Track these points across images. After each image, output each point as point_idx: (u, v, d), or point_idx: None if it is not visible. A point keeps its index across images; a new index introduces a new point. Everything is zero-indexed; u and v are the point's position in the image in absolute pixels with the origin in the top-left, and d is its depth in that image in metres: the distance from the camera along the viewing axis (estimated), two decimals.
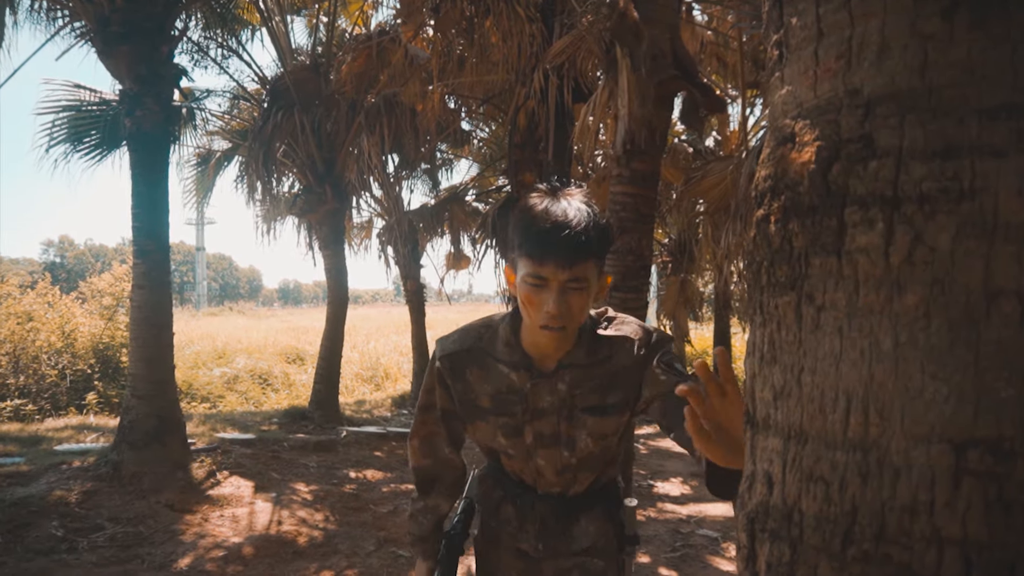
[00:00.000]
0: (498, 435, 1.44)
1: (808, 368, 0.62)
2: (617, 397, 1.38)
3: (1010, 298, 0.53)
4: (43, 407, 8.60)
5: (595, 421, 1.38)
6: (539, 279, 1.26)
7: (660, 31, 4.05)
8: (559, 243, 1.24)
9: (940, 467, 0.54)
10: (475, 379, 1.44)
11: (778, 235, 0.65)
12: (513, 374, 1.41)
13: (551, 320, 1.27)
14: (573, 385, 1.38)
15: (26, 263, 52.12)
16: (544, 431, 1.41)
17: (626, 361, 1.38)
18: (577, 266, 1.25)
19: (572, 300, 1.27)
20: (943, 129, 0.56)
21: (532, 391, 1.39)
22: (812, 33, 0.64)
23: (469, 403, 1.47)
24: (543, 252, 1.25)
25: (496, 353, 1.43)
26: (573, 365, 1.38)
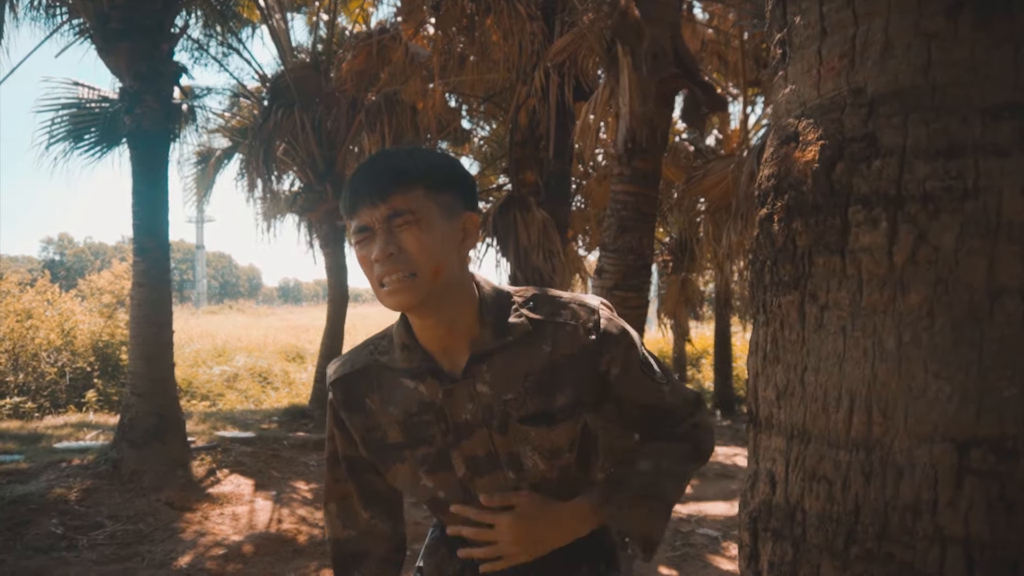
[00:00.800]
0: (420, 476, 1.13)
1: (811, 367, 0.62)
2: (566, 397, 1.08)
3: (1013, 297, 0.53)
4: (43, 405, 8.60)
5: (540, 433, 1.08)
6: (362, 231, 1.03)
7: (661, 29, 4.04)
8: (366, 180, 1.03)
9: (943, 466, 0.54)
10: (377, 407, 1.13)
11: (781, 234, 0.65)
12: (420, 386, 1.10)
13: (383, 269, 1.01)
14: (498, 386, 1.08)
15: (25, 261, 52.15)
16: (476, 452, 1.10)
17: (568, 349, 1.08)
18: (395, 196, 1.01)
19: (404, 239, 1.01)
20: (947, 128, 0.56)
21: (447, 401, 1.08)
22: (816, 32, 0.64)
23: (376, 442, 1.15)
24: (353, 196, 1.04)
25: (395, 364, 1.12)
26: (486, 355, 1.07)
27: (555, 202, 6.39)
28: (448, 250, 1.04)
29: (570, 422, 1.09)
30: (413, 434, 1.11)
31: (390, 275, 1.00)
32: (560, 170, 6.43)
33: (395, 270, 1.00)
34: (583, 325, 1.09)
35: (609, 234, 4.37)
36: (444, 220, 1.04)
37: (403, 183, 1.02)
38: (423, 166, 1.05)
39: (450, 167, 1.09)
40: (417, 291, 1.01)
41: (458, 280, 1.07)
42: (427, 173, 1.04)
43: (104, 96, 6.35)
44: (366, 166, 1.06)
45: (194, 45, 7.70)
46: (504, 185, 10.18)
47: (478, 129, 10.65)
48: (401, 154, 1.07)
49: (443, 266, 1.03)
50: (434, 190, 1.04)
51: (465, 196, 1.08)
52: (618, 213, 4.28)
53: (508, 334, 1.08)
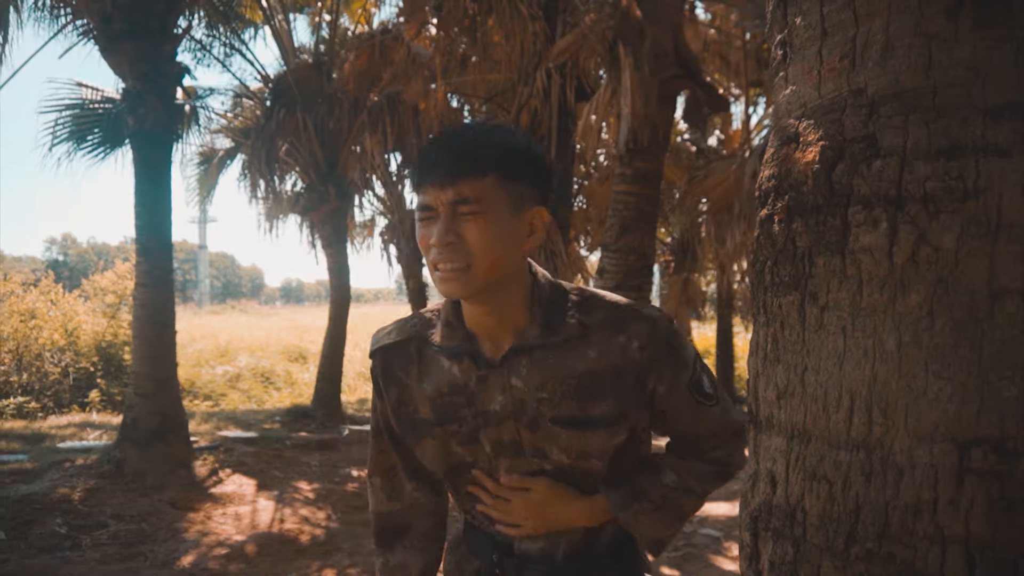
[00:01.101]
0: (452, 444, 1.10)
1: (811, 367, 0.62)
2: (606, 407, 1.03)
3: (1014, 297, 0.53)
4: (46, 405, 8.62)
5: (571, 435, 1.04)
6: (425, 210, 0.99)
7: (663, 30, 4.04)
8: (437, 158, 0.98)
9: (943, 466, 0.54)
10: (412, 381, 1.11)
11: (782, 235, 0.65)
12: (455, 366, 1.07)
13: (440, 256, 0.98)
14: (533, 383, 1.03)
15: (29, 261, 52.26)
16: (502, 437, 1.07)
17: (618, 360, 1.02)
18: (464, 182, 0.96)
19: (466, 229, 0.97)
20: (947, 128, 0.56)
21: (479, 387, 1.05)
22: (816, 33, 0.64)
23: (407, 416, 1.13)
24: (422, 175, 0.99)
25: (436, 340, 1.10)
26: (529, 349, 1.04)
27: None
28: (509, 245, 1.00)
29: (605, 433, 1.04)
30: (442, 414, 1.09)
31: (445, 263, 0.98)
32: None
33: (451, 259, 0.97)
34: (636, 338, 1.03)
35: (611, 234, 4.37)
36: (511, 213, 0.99)
37: (476, 169, 0.97)
38: (500, 151, 0.99)
39: (528, 155, 1.03)
40: (469, 284, 0.98)
41: (515, 274, 1.03)
42: (503, 160, 0.99)
43: (107, 97, 6.37)
44: (441, 142, 1.01)
45: (197, 46, 7.71)
46: None
47: None
48: (480, 134, 1.01)
49: (500, 262, 0.99)
50: (507, 179, 0.99)
51: (539, 188, 1.04)
52: (619, 213, 4.28)
53: (556, 334, 1.04)
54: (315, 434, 7.02)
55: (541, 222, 1.03)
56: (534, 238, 1.03)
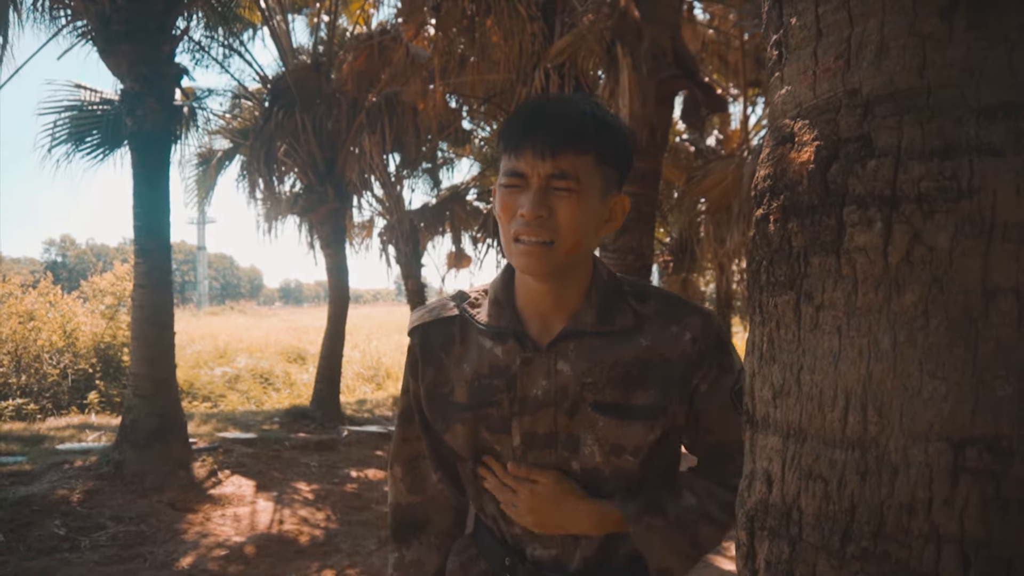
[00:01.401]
0: (481, 430, 1.05)
1: (807, 367, 0.62)
2: (649, 398, 0.99)
3: (1008, 296, 0.53)
4: (45, 406, 8.61)
5: (609, 424, 0.99)
6: (516, 176, 0.95)
7: (661, 30, 4.05)
8: (540, 125, 0.94)
9: (938, 465, 0.54)
10: (452, 361, 1.06)
11: (777, 234, 0.65)
12: (498, 347, 1.03)
13: (526, 228, 0.94)
14: (580, 368, 0.99)
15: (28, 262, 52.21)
16: (536, 428, 1.02)
17: (668, 351, 0.99)
18: (564, 155, 0.93)
19: (559, 205, 0.94)
20: (941, 128, 0.56)
21: (523, 370, 1.00)
22: (811, 33, 0.65)
23: (441, 399, 1.08)
24: (519, 138, 0.95)
25: (480, 318, 1.05)
26: (580, 334, 1.00)
27: None
28: (592, 229, 0.98)
29: (643, 425, 0.99)
30: (479, 397, 1.04)
31: (530, 236, 0.94)
32: None
33: (537, 232, 0.94)
34: (690, 330, 1.01)
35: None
36: (600, 196, 0.97)
37: (580, 145, 0.94)
38: (604, 130, 0.96)
39: (625, 140, 1.00)
40: (549, 262, 0.95)
41: (585, 258, 1.02)
42: (604, 140, 0.96)
43: (106, 98, 6.37)
44: (546, 108, 0.97)
45: (195, 47, 7.72)
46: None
47: (479, 130, 10.65)
48: (585, 109, 0.97)
49: (581, 243, 0.97)
50: (604, 162, 0.96)
51: (624, 174, 1.02)
52: None
53: (610, 323, 1.01)
54: (314, 435, 7.02)
55: (621, 210, 1.01)
56: (611, 224, 1.01)
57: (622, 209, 1.02)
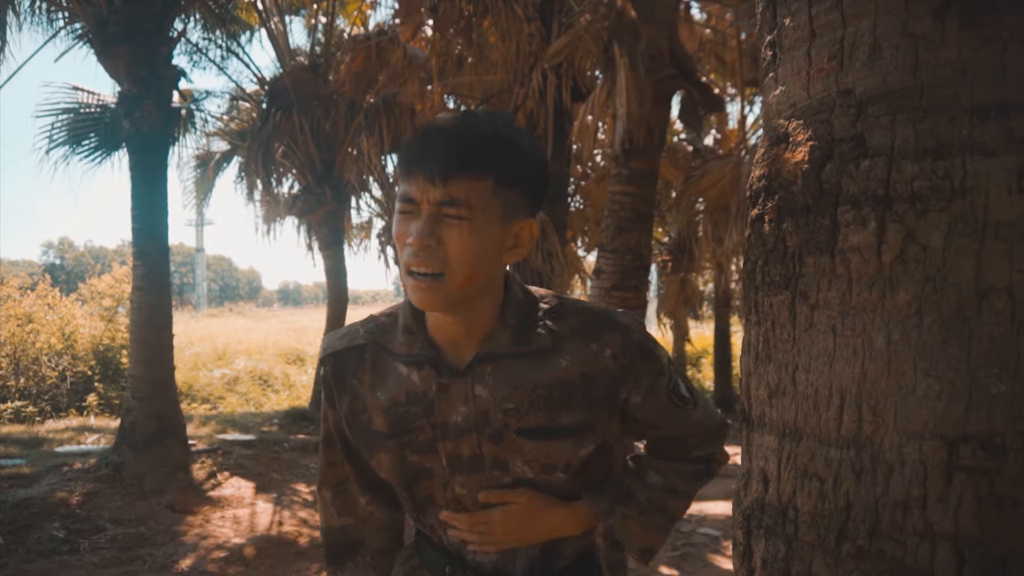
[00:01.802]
0: (407, 455, 1.03)
1: (802, 366, 0.62)
2: (575, 417, 0.97)
3: (1001, 295, 0.53)
4: (44, 409, 8.60)
5: (538, 447, 0.98)
6: (407, 202, 0.90)
7: (658, 30, 4.05)
8: (433, 148, 0.89)
9: (932, 463, 0.55)
10: (366, 389, 1.03)
11: (772, 234, 0.65)
12: (414, 374, 0.99)
13: (415, 259, 0.89)
14: (500, 393, 0.97)
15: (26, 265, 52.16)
16: (461, 452, 1.00)
17: (589, 369, 0.97)
18: (457, 181, 0.87)
19: (448, 234, 0.88)
20: (934, 128, 0.56)
21: (439, 396, 0.97)
22: (805, 34, 0.65)
23: (361, 427, 1.04)
24: (411, 161, 0.90)
25: (393, 346, 1.01)
26: (496, 357, 0.97)
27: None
28: (490, 258, 0.92)
29: (572, 442, 0.97)
30: (398, 425, 1.01)
31: (419, 266, 0.89)
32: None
33: (425, 264, 0.89)
34: (609, 346, 0.97)
35: (607, 235, 4.37)
36: (500, 223, 0.91)
37: (476, 169, 0.88)
38: (504, 152, 0.90)
39: (531, 160, 0.94)
40: (440, 296, 0.91)
41: (489, 286, 0.96)
42: (504, 162, 0.90)
43: (103, 100, 6.36)
44: (443, 129, 0.91)
45: (193, 49, 7.72)
46: None
47: None
48: (484, 128, 0.91)
49: (476, 275, 0.91)
50: (504, 185, 0.90)
51: (533, 198, 0.96)
52: (616, 214, 4.29)
53: (526, 343, 0.97)
54: (313, 436, 7.01)
55: (528, 236, 0.96)
56: (516, 252, 0.96)
57: (529, 235, 0.95)
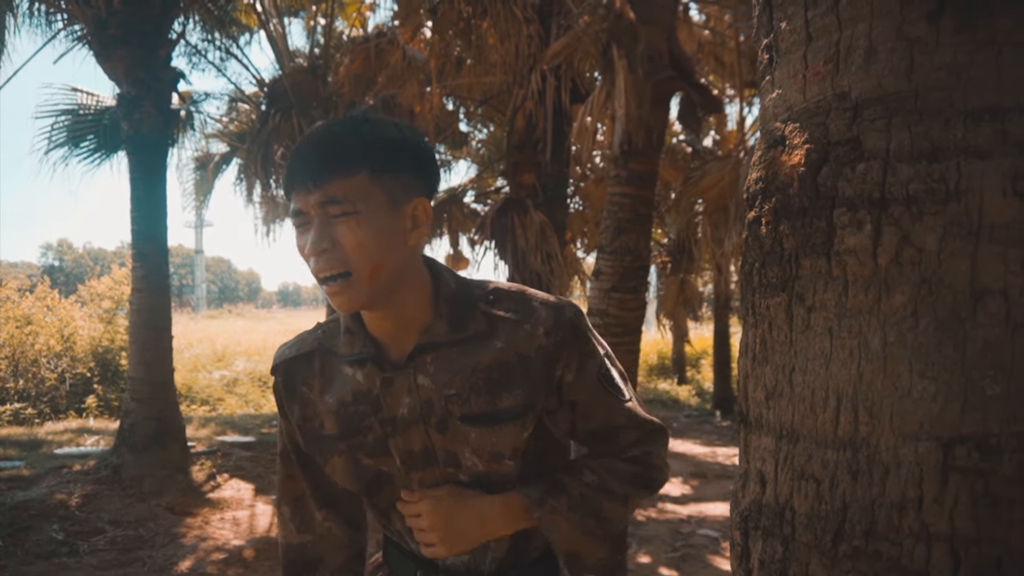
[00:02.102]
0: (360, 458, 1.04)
1: (799, 368, 0.63)
2: (515, 399, 0.98)
3: (996, 297, 0.54)
4: (43, 411, 8.60)
5: (482, 434, 0.99)
6: (297, 216, 0.93)
7: (657, 31, 4.06)
8: (303, 160, 0.92)
9: (928, 464, 0.55)
10: (315, 395, 1.05)
11: (769, 237, 0.66)
12: (359, 373, 1.01)
13: (317, 265, 0.92)
14: (441, 380, 0.98)
15: (25, 266, 52.10)
16: (412, 447, 1.01)
17: (524, 348, 0.99)
18: (332, 182, 0.90)
19: (339, 232, 0.90)
20: (929, 131, 0.57)
21: (384, 390, 0.99)
22: (801, 37, 0.65)
23: (313, 432, 1.05)
24: (289, 179, 0.93)
25: (338, 348, 1.03)
26: (435, 346, 0.99)
27: (553, 204, 6.41)
28: (390, 245, 0.93)
29: (515, 426, 0.99)
30: (347, 425, 1.02)
31: (324, 272, 0.91)
32: (557, 172, 6.45)
33: (328, 268, 0.91)
34: (542, 324, 0.99)
35: (606, 236, 4.38)
36: (389, 209, 0.93)
37: (343, 167, 0.90)
38: (370, 144, 0.92)
39: (402, 144, 0.95)
40: (354, 294, 0.92)
41: (404, 274, 0.96)
42: (374, 153, 0.92)
43: (102, 102, 6.37)
44: (305, 143, 0.94)
45: (192, 51, 7.72)
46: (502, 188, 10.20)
47: (476, 132, 10.67)
48: (346, 129, 0.94)
49: (382, 265, 0.92)
50: (381, 173, 0.92)
51: (419, 176, 0.97)
52: (615, 215, 4.29)
53: (463, 329, 0.99)
54: None
55: (424, 213, 0.96)
56: (419, 232, 0.96)
57: (424, 212, 0.96)
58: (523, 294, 1.03)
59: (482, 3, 5.70)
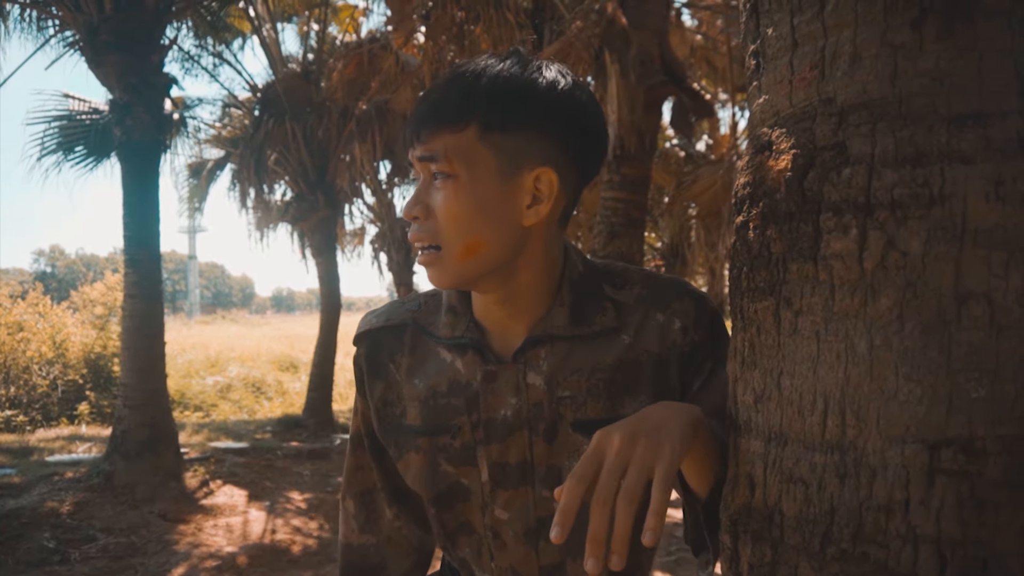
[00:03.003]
0: (440, 463, 0.86)
1: (787, 371, 0.63)
2: (639, 406, 0.81)
3: (980, 301, 0.54)
4: (34, 418, 8.55)
5: None
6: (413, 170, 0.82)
7: (649, 36, 4.08)
8: (422, 102, 0.79)
9: (914, 467, 0.55)
10: (402, 375, 0.88)
11: (756, 241, 0.66)
12: (458, 360, 0.85)
13: (411, 234, 0.79)
14: (555, 380, 0.82)
15: (16, 273, 51.84)
16: (507, 459, 0.83)
17: (655, 345, 0.82)
18: (432, 136, 0.76)
19: (436, 200, 0.76)
20: (913, 136, 0.57)
21: (485, 387, 0.83)
22: (787, 43, 0.66)
23: (393, 420, 0.90)
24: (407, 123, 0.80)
25: (436, 328, 0.87)
26: (550, 339, 0.82)
27: None
28: (496, 220, 0.76)
29: None
30: (434, 419, 0.86)
31: (415, 240, 0.78)
32: None
33: (418, 236, 0.78)
34: (679, 317, 0.83)
35: (599, 240, 4.39)
36: (499, 177, 0.76)
37: (448, 119, 0.75)
38: (489, 94, 0.75)
39: (540, 94, 0.76)
40: (444, 271, 0.78)
41: (520, 255, 0.80)
42: (490, 105, 0.75)
43: (95, 108, 6.35)
44: (436, 84, 0.80)
45: (185, 56, 7.71)
46: None
47: None
48: (470, 71, 0.77)
49: (480, 243, 0.76)
50: (494, 131, 0.75)
51: (553, 141, 0.77)
52: (608, 219, 4.30)
53: (588, 324, 0.82)
54: (307, 443, 6.99)
55: (549, 188, 0.77)
56: (539, 209, 0.78)
57: (550, 186, 0.77)
58: (661, 278, 0.87)
59: (475, 8, 5.71)
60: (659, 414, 0.67)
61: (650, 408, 0.69)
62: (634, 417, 0.66)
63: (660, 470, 0.61)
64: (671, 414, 0.67)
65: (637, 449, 0.62)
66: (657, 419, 0.66)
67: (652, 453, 0.62)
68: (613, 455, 0.61)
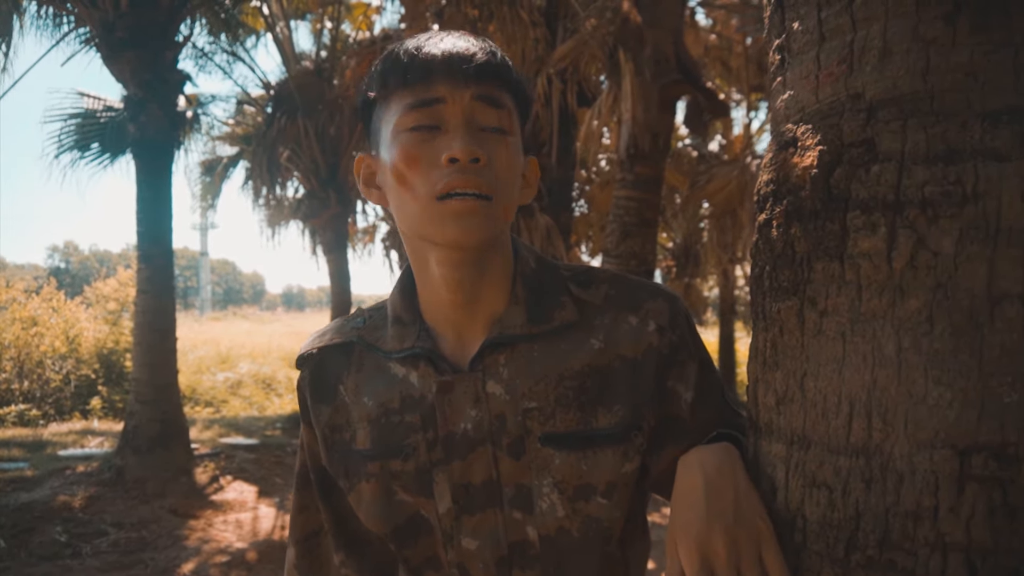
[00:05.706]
0: (395, 491, 0.78)
1: (811, 373, 0.61)
2: (615, 416, 0.74)
3: (1014, 302, 0.52)
4: (47, 412, 8.62)
5: (568, 459, 0.74)
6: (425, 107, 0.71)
7: (663, 35, 4.06)
8: (452, 45, 0.72)
9: (944, 472, 0.54)
10: (350, 395, 0.81)
11: (780, 240, 0.64)
12: (411, 374, 0.78)
13: (462, 178, 0.69)
14: (519, 389, 0.75)
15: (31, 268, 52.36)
16: (471, 479, 0.75)
17: (630, 349, 0.76)
18: (490, 81, 0.72)
19: (495, 148, 0.72)
20: (945, 133, 0.55)
21: (441, 399, 0.75)
22: (814, 37, 0.64)
23: (342, 446, 0.81)
24: (423, 61, 0.72)
25: (384, 343, 0.79)
26: (510, 342, 0.76)
27: (558, 207, 6.40)
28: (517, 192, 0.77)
29: (613, 453, 0.74)
30: (386, 440, 0.77)
31: (466, 187, 0.69)
32: (563, 176, 6.44)
33: (475, 183, 0.69)
34: (654, 318, 0.77)
35: (612, 240, 4.37)
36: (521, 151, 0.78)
37: (504, 75, 0.74)
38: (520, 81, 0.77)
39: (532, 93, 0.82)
40: (490, 223, 0.71)
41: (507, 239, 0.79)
42: (520, 87, 0.76)
43: (109, 105, 6.39)
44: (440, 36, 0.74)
45: (199, 53, 7.74)
46: None
47: None
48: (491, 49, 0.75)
49: (512, 210, 0.75)
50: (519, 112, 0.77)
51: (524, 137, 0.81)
52: (620, 219, 4.28)
53: (547, 320, 0.76)
54: None
55: (534, 175, 0.82)
56: (528, 192, 0.81)
57: (534, 174, 0.82)
58: (627, 278, 0.81)
59: (488, 6, 5.70)
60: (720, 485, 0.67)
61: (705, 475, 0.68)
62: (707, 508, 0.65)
63: (769, 555, 0.63)
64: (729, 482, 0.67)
65: (740, 548, 0.63)
66: (728, 497, 0.66)
67: (755, 544, 0.63)
68: (723, 566, 0.63)
